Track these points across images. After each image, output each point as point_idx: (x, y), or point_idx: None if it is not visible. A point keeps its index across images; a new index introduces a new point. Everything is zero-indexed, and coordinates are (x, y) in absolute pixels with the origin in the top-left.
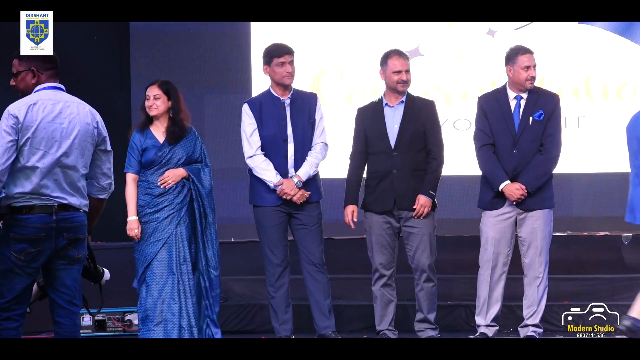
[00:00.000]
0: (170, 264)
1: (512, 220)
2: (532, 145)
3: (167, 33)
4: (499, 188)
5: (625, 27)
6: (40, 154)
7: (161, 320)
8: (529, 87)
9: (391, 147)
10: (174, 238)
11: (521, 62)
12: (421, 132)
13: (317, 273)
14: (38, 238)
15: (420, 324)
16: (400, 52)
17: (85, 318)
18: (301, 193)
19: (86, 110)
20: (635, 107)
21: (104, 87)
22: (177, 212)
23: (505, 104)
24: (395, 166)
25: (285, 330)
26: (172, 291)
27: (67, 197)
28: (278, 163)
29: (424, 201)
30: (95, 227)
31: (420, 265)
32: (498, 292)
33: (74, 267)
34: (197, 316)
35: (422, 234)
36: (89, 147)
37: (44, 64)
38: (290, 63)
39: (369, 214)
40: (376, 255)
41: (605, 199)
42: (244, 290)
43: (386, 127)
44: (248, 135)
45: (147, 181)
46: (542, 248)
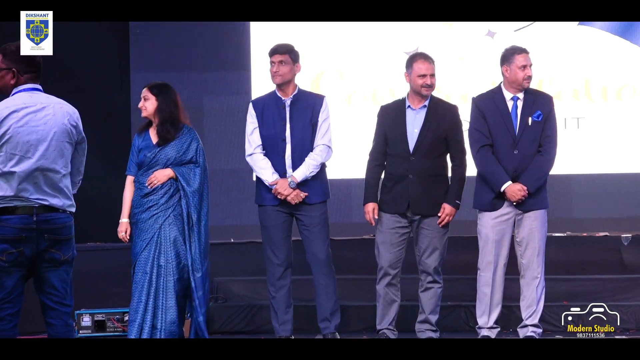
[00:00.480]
0: (146, 264)
1: (512, 221)
2: (531, 146)
3: (167, 33)
4: (500, 189)
5: (624, 28)
6: (17, 158)
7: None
8: (526, 86)
9: (409, 151)
10: (156, 238)
11: (518, 61)
12: (442, 138)
13: (321, 274)
14: (19, 238)
15: (421, 325)
16: (426, 55)
17: (85, 318)
18: (295, 193)
19: (63, 110)
20: (634, 108)
21: (104, 87)
22: (162, 212)
23: (502, 104)
24: (412, 171)
25: (284, 331)
26: (141, 290)
27: (48, 198)
28: (276, 163)
29: (450, 210)
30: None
31: (427, 267)
32: (500, 294)
33: (61, 269)
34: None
35: (433, 236)
36: (68, 147)
37: (26, 67)
38: (281, 63)
39: (381, 213)
40: (383, 253)
41: (605, 199)
42: (243, 291)
43: (406, 131)
44: (249, 134)
45: (137, 182)
46: (540, 248)
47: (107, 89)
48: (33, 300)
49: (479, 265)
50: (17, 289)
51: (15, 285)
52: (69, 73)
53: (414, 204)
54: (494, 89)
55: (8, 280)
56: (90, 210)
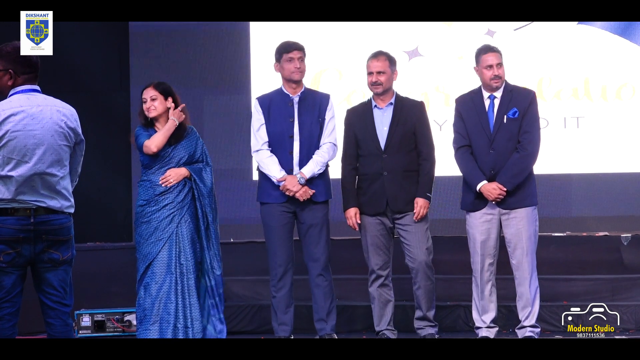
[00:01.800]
0: (169, 264)
1: (496, 221)
2: (508, 144)
3: (167, 33)
4: (477, 188)
5: (624, 27)
6: (14, 163)
7: (157, 320)
8: (494, 86)
9: (381, 149)
10: (174, 237)
11: (484, 61)
12: (411, 133)
13: (318, 276)
14: (16, 239)
15: (420, 322)
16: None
17: (85, 318)
18: (304, 190)
19: (61, 112)
20: (634, 107)
21: (104, 87)
22: (178, 211)
23: (480, 104)
24: (386, 168)
25: (283, 331)
26: (169, 291)
27: (45, 200)
28: (283, 159)
29: (423, 203)
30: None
31: (418, 263)
32: (493, 293)
33: (60, 269)
34: (195, 317)
35: (417, 231)
36: (65, 149)
37: (23, 68)
38: (300, 59)
39: (363, 216)
40: (372, 256)
41: (605, 199)
42: (243, 291)
43: (376, 129)
44: (255, 130)
45: (149, 180)
46: (528, 248)
47: (107, 89)
48: (33, 300)
49: (472, 265)
50: (16, 289)
51: (13, 284)
52: (69, 73)
53: (391, 201)
54: (474, 89)
55: (6, 280)
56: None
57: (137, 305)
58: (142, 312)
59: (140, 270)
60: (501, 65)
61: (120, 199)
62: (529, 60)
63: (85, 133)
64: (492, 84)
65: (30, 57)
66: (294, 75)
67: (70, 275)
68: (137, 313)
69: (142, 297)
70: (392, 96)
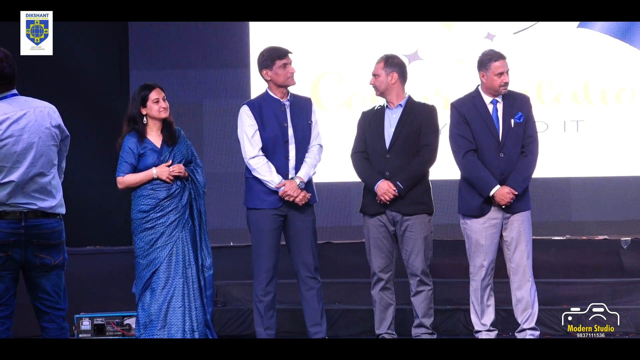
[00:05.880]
0: (177, 268)
1: (500, 225)
2: (515, 148)
3: (167, 33)
4: (489, 193)
5: (623, 30)
6: (6, 170)
7: (165, 324)
8: (502, 92)
9: (386, 148)
10: (180, 242)
11: (494, 68)
12: (416, 136)
13: (309, 279)
14: (7, 243)
15: (417, 330)
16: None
17: (85, 322)
18: (303, 194)
19: (43, 113)
20: (634, 111)
21: (103, 89)
22: (181, 216)
23: (483, 108)
24: (388, 168)
25: (269, 335)
26: (178, 295)
27: (36, 202)
28: (279, 164)
29: (387, 188)
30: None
31: (414, 270)
32: (492, 297)
33: (52, 274)
34: (199, 319)
35: (416, 237)
36: (53, 149)
37: None
38: (291, 64)
39: (366, 217)
40: (374, 258)
41: (605, 203)
42: (242, 295)
43: (384, 129)
44: (250, 136)
45: (150, 187)
46: (528, 251)
47: (106, 91)
48: (28, 303)
49: (471, 270)
50: (9, 292)
51: (6, 288)
52: (68, 75)
53: (392, 202)
54: (471, 92)
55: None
56: (90, 214)
57: (140, 311)
58: (147, 318)
59: (144, 275)
60: (508, 71)
61: (120, 203)
62: (528, 63)
63: (84, 135)
64: (501, 91)
65: (3, 69)
66: (290, 81)
67: (63, 279)
68: (139, 317)
69: (148, 303)
70: (402, 98)
